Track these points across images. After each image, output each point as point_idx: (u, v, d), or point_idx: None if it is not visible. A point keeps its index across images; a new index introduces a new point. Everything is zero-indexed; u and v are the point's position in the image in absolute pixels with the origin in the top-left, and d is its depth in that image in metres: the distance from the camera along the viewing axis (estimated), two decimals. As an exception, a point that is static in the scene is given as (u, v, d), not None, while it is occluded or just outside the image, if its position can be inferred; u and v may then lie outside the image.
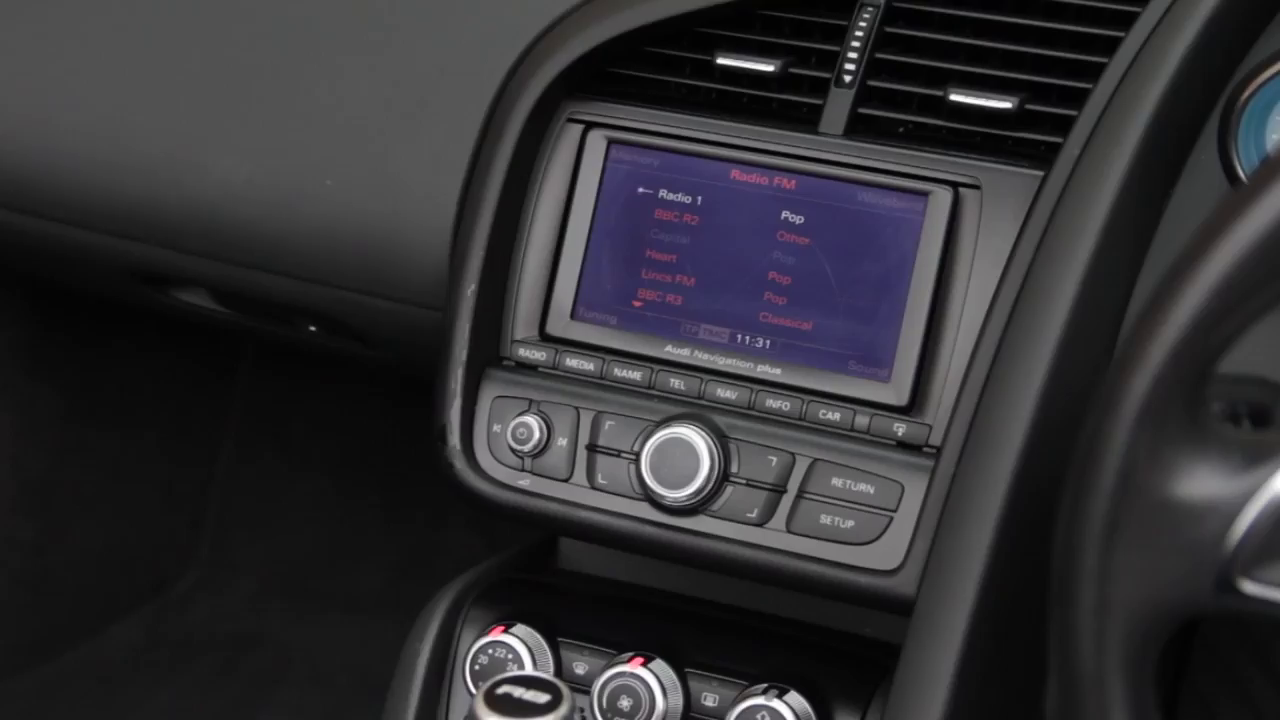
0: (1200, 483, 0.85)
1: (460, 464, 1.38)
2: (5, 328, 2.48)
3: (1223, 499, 0.85)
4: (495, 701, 1.09)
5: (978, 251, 1.29)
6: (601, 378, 1.37)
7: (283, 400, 2.69)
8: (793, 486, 1.30)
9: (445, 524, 2.61)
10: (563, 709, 1.09)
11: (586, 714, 1.33)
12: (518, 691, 1.10)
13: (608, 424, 1.34)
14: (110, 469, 2.59)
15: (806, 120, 1.35)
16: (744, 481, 1.31)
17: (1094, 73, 1.28)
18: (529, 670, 1.34)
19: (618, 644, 1.36)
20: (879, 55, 1.34)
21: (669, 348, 1.36)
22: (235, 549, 2.69)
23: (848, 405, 1.31)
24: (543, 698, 1.10)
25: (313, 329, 1.68)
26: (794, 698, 1.29)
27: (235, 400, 2.69)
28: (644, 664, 1.32)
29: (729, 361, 1.34)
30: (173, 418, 2.66)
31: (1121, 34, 1.28)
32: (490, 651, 1.36)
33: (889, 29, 1.35)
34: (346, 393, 2.64)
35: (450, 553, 2.46)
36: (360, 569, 2.64)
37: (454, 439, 1.38)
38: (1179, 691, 1.84)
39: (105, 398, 2.59)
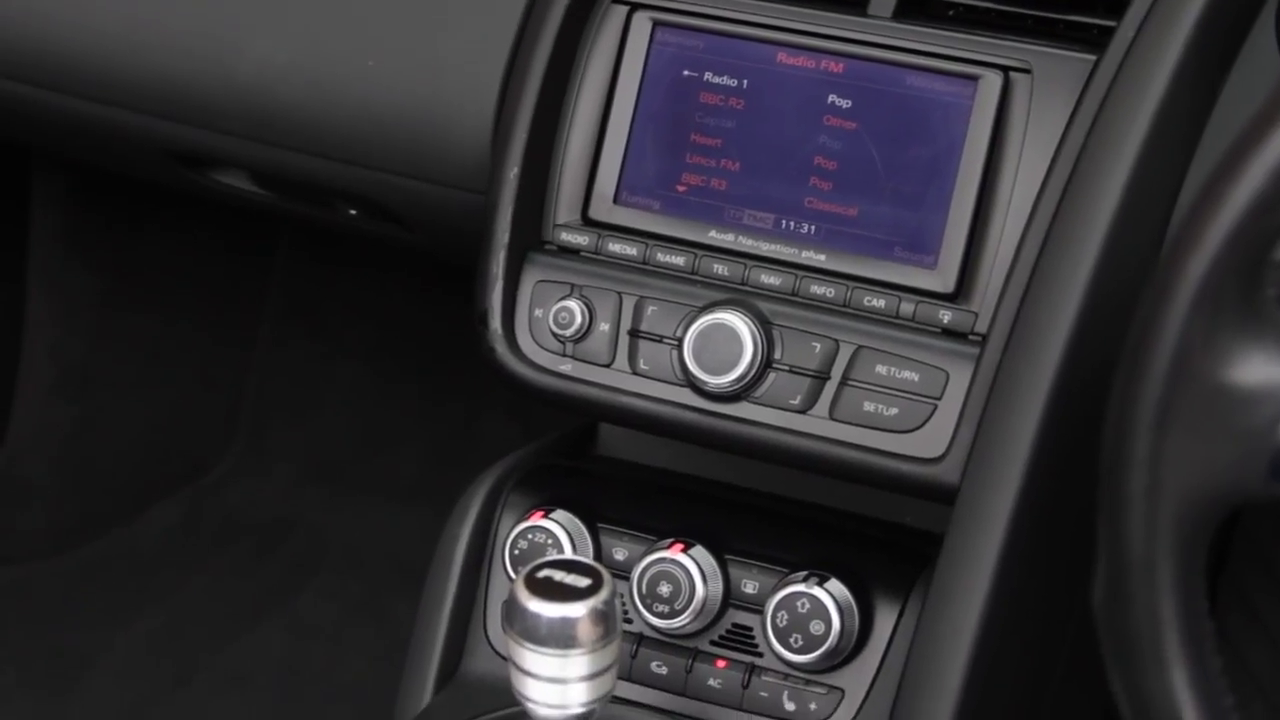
0: (1255, 369, 0.84)
1: (501, 348, 1.37)
2: (43, 213, 2.47)
3: (1277, 385, 0.83)
4: (536, 585, 1.09)
5: (1027, 137, 1.27)
6: (644, 263, 1.35)
7: (320, 286, 2.69)
8: (836, 373, 1.29)
9: (483, 412, 2.61)
10: (604, 593, 1.08)
11: (625, 600, 1.33)
12: (558, 575, 1.10)
13: (650, 309, 1.33)
14: (148, 354, 2.60)
15: (855, 2, 1.33)
16: (787, 368, 1.30)
17: (1149, -47, 1.26)
18: (569, 555, 1.34)
19: (657, 530, 1.36)
20: None
21: (713, 233, 1.34)
22: (272, 434, 2.69)
23: (893, 292, 1.29)
24: (583, 582, 1.09)
25: (352, 212, 1.67)
26: (835, 585, 1.29)
27: (273, 286, 2.69)
28: (684, 550, 1.32)
29: (773, 247, 1.33)
30: (210, 303, 2.66)
31: None
32: (529, 536, 1.36)
33: None
34: (384, 279, 2.64)
35: (487, 440, 2.46)
36: (397, 456, 2.64)
37: (495, 323, 1.37)
38: (1218, 584, 1.83)
39: (143, 282, 2.59)
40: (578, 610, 1.07)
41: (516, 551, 1.36)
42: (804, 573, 1.30)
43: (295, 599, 2.48)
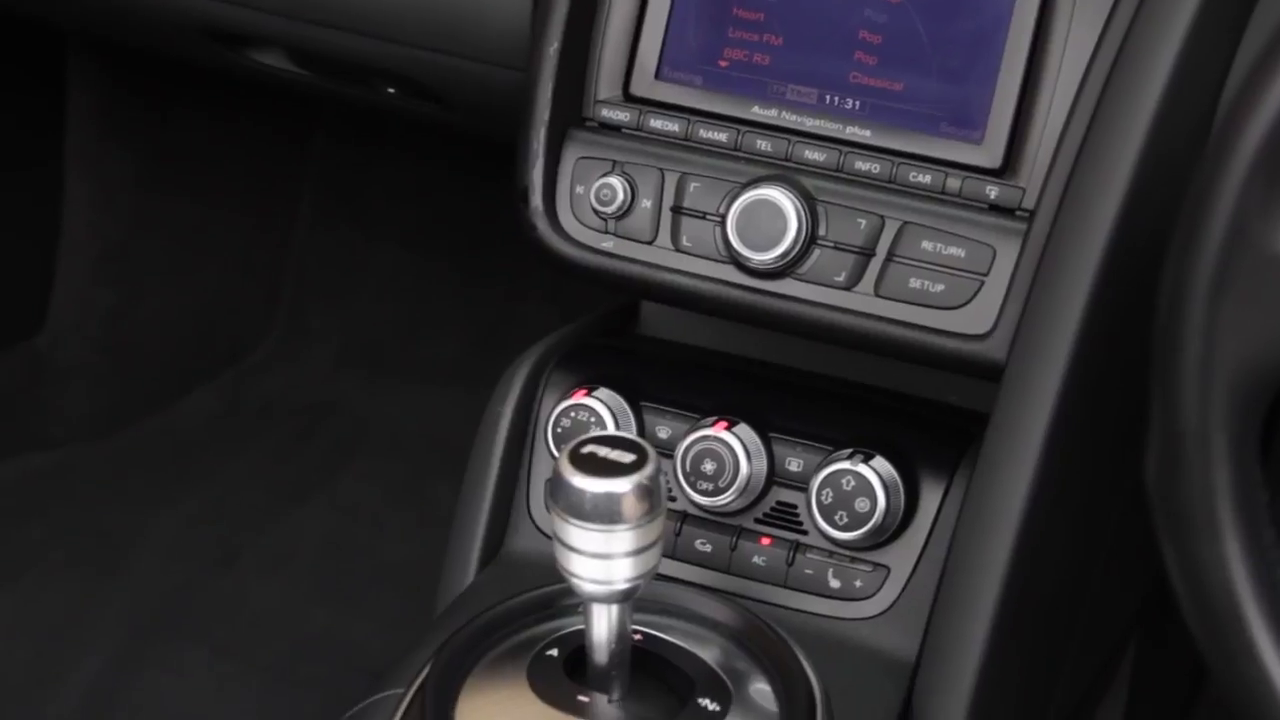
0: (1313, 238, 0.83)
1: (543, 225, 1.36)
2: (81, 94, 2.47)
3: None
4: (580, 461, 1.08)
5: (1076, 9, 1.25)
6: (686, 139, 1.34)
7: (358, 170, 2.68)
8: (881, 250, 1.28)
9: (522, 296, 2.60)
10: (648, 468, 1.07)
11: (669, 479, 1.33)
12: (602, 451, 1.09)
13: (693, 185, 1.32)
14: (186, 238, 2.60)
15: (902, -128, 1.31)
16: (832, 244, 1.29)
17: None
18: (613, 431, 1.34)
19: (701, 408, 1.35)
20: None
21: (756, 108, 1.33)
22: (312, 318, 2.70)
23: (939, 167, 1.28)
24: (628, 457, 1.08)
25: (391, 91, 1.66)
26: (880, 463, 1.28)
27: (311, 170, 2.68)
28: (728, 428, 1.31)
29: (817, 123, 1.31)
30: (248, 186, 2.66)
31: None
32: (573, 414, 1.36)
33: None
34: (423, 164, 2.63)
35: (527, 324, 2.46)
36: (436, 339, 2.65)
37: (536, 200, 1.36)
38: (1272, 455, 1.82)
39: (180, 166, 2.58)
40: (623, 485, 1.06)
41: (559, 430, 1.36)
42: (849, 450, 1.29)
43: (336, 481, 2.49)
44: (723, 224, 1.30)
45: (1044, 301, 1.21)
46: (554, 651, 1.20)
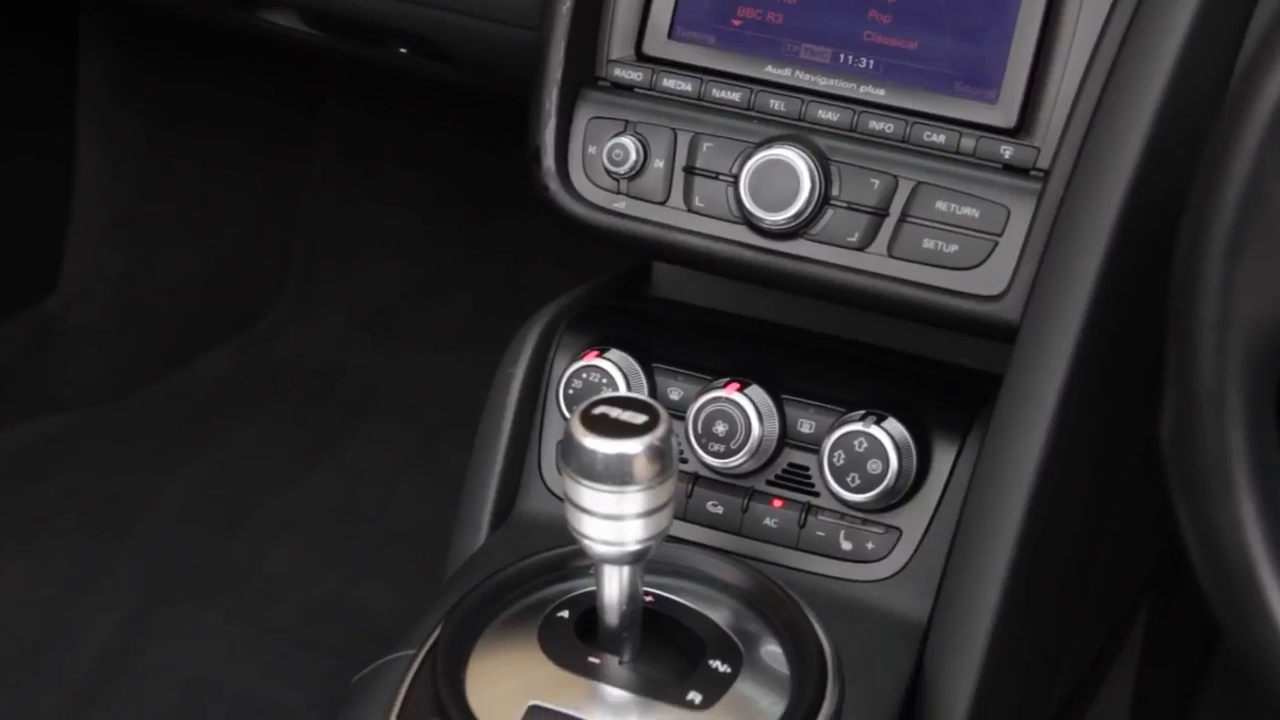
0: (1330, 196, 0.82)
1: (555, 186, 1.35)
2: (93, 58, 2.46)
3: None
4: (592, 422, 1.08)
5: (1093, -34, 1.24)
6: (699, 98, 1.33)
7: (370, 134, 2.67)
8: (895, 210, 1.27)
9: (533, 260, 2.60)
10: (660, 429, 1.07)
11: (681, 440, 1.32)
12: (614, 412, 1.09)
13: (705, 145, 1.31)
14: (197, 201, 2.60)
15: None
16: (845, 205, 1.28)
17: None
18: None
19: (713, 369, 1.35)
20: None
21: (769, 68, 1.32)
22: (322, 282, 2.70)
23: (953, 127, 1.27)
24: (640, 418, 1.08)
25: (402, 52, 1.65)
26: (892, 424, 1.28)
27: (322, 133, 2.68)
28: (740, 389, 1.31)
29: (831, 82, 1.31)
30: (259, 150, 2.65)
31: None
32: (584, 376, 1.35)
33: None
34: (434, 127, 2.62)
35: (538, 288, 2.45)
36: (447, 304, 2.64)
37: (549, 160, 1.35)
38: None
39: (191, 129, 2.58)
40: (634, 446, 1.06)
41: (571, 391, 1.35)
42: (861, 412, 1.29)
43: (347, 446, 2.49)
44: (735, 184, 1.29)
45: (1058, 262, 1.20)
46: (565, 613, 1.19)
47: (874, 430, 1.27)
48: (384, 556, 2.28)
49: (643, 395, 1.29)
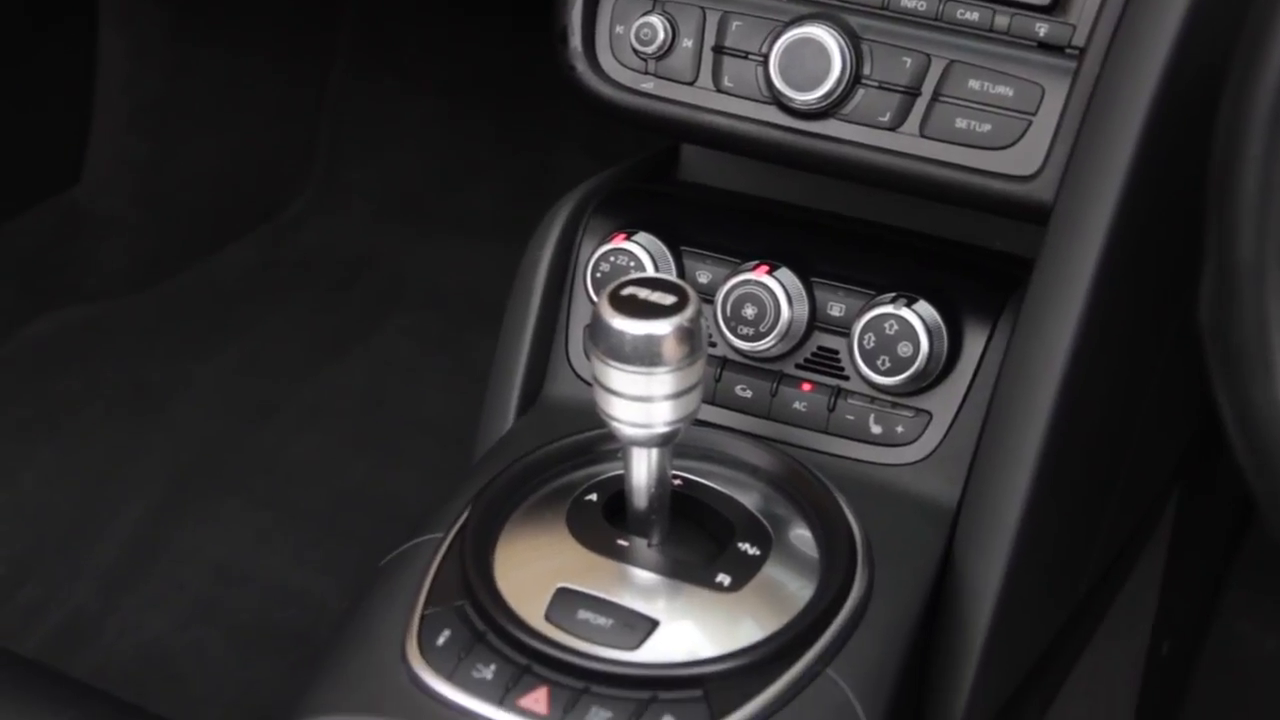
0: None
1: (582, 66, 1.34)
2: (111, -58, 2.44)
3: None
4: (620, 303, 1.07)
5: None
6: (729, -25, 1.31)
7: (394, 21, 2.65)
8: (927, 89, 1.25)
9: (558, 147, 2.58)
10: (689, 310, 1.06)
11: (709, 324, 1.31)
12: (643, 293, 1.08)
13: (735, 24, 1.29)
14: (222, 89, 2.58)
15: None
16: (876, 84, 1.26)
17: None
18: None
19: (742, 252, 1.33)
20: None
21: (799, -56, 1.30)
22: (348, 171, 2.69)
23: (987, 4, 1.25)
24: (669, 299, 1.07)
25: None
26: (923, 307, 1.26)
27: (346, 20, 2.66)
28: (769, 272, 1.30)
29: (862, -41, 1.28)
30: (283, 38, 2.63)
31: None
32: (612, 259, 1.34)
33: None
34: (459, 14, 2.60)
35: (563, 175, 2.43)
36: (474, 192, 2.63)
37: (575, 40, 1.33)
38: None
39: (214, 16, 2.56)
40: (663, 327, 1.05)
41: (598, 274, 1.34)
42: (892, 294, 1.28)
43: (373, 335, 2.49)
44: (765, 63, 1.27)
45: (1093, 141, 1.18)
46: (593, 496, 1.19)
47: (905, 313, 1.26)
48: (411, 445, 2.28)
49: (671, 276, 1.29)
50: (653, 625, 1.09)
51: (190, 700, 1.96)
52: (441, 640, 1.09)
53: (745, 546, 1.16)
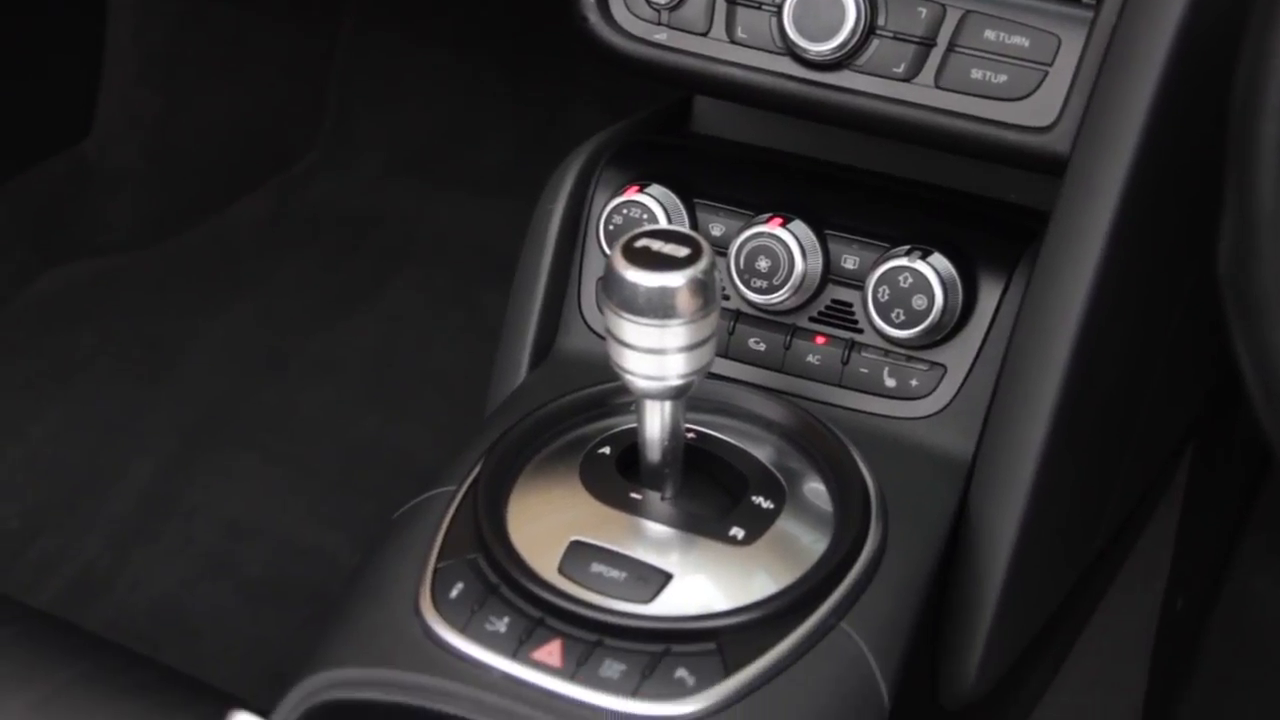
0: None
1: (594, 17, 1.33)
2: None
3: None
4: (634, 254, 1.06)
5: None
6: (742, -75, 1.30)
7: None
8: (943, 39, 1.24)
9: (570, 102, 2.57)
10: (703, 262, 1.06)
11: (723, 276, 1.30)
12: (656, 245, 1.07)
13: (749, -27, 1.28)
14: (231, 42, 2.57)
15: None
16: (891, 34, 1.25)
17: None
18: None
19: (755, 205, 1.33)
20: None
21: (813, -106, 1.28)
22: (358, 126, 2.68)
23: (1003, -47, 1.24)
24: (682, 251, 1.06)
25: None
26: (938, 259, 1.26)
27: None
28: (783, 224, 1.29)
29: (877, -92, 1.27)
30: (293, -10, 2.62)
31: None
32: (624, 211, 1.33)
33: None
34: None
35: (575, 130, 2.42)
36: (485, 146, 2.62)
37: (588, -10, 1.32)
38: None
39: (224, -31, 2.54)
40: (677, 279, 1.04)
41: (611, 227, 1.34)
42: (906, 247, 1.27)
43: (384, 289, 2.48)
44: (779, 13, 1.26)
45: (1110, 91, 1.17)
46: (606, 449, 1.19)
47: (919, 265, 1.25)
48: (422, 400, 2.28)
49: (685, 228, 1.28)
50: (666, 578, 1.09)
51: (202, 655, 1.96)
52: (455, 593, 1.09)
53: (759, 500, 1.15)
